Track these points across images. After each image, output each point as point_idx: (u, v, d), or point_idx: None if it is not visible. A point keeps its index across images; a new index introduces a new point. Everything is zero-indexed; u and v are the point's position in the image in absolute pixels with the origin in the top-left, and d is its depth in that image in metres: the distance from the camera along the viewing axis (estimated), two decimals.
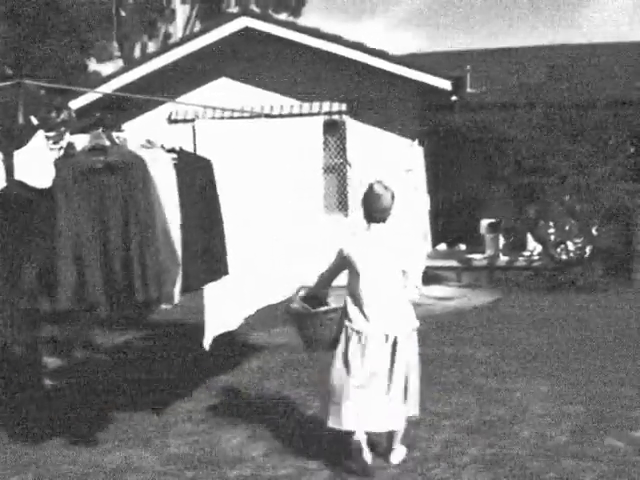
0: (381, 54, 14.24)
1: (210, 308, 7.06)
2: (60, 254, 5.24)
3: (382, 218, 5.39)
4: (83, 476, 5.60)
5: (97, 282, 5.35)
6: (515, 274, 14.07)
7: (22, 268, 5.35)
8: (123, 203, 5.47)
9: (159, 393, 7.65)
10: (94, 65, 27.60)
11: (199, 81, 15.20)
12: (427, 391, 6.94)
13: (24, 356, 7.73)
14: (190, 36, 16.05)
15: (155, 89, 14.54)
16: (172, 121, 15.11)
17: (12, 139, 5.43)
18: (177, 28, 24.38)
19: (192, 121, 13.70)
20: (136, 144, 5.99)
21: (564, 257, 13.65)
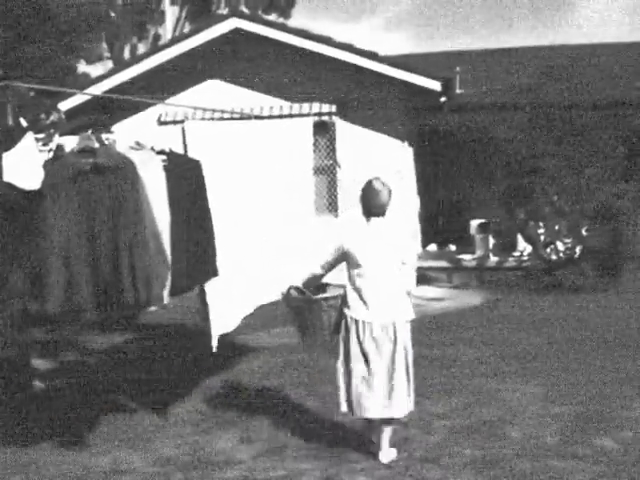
0: (371, 55, 14.25)
1: (214, 309, 7.03)
2: (49, 256, 5.22)
3: (381, 213, 5.61)
4: (72, 479, 5.58)
5: (85, 284, 5.34)
6: (505, 275, 14.09)
7: (13, 270, 5.33)
8: (112, 205, 5.46)
9: (151, 394, 7.63)
10: (83, 67, 27.54)
11: (189, 82, 15.18)
12: (417, 392, 6.97)
13: (18, 357, 7.71)
14: (180, 37, 16.03)
15: (145, 90, 14.50)
16: (162, 122, 15.09)
17: (0, 142, 5.42)
18: (167, 30, 24.33)
19: (182, 122, 13.65)
20: (125, 146, 5.97)
21: (554, 257, 13.67)
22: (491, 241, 14.93)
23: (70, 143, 5.65)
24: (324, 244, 5.89)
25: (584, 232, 13.64)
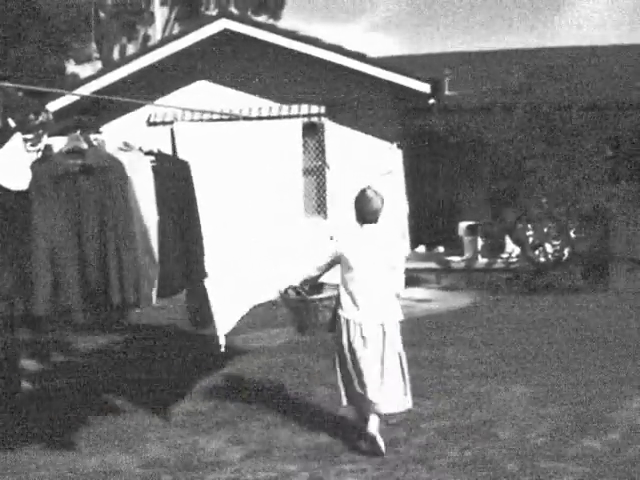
0: (359, 57, 14.27)
1: (217, 309, 7.01)
2: (36, 257, 5.21)
3: (373, 219, 5.96)
4: None
5: (73, 286, 5.32)
6: (493, 277, 14.11)
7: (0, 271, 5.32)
8: (100, 206, 5.44)
9: (143, 396, 7.61)
10: (72, 67, 27.48)
11: (178, 83, 15.16)
12: None
13: (7, 358, 7.68)
14: (169, 38, 16.03)
15: (134, 91, 14.48)
16: (151, 123, 15.06)
17: None
18: (156, 30, 24.31)
19: (171, 123, 13.65)
20: (114, 146, 5.96)
21: (542, 259, 13.70)
22: (480, 243, 14.96)
23: (59, 144, 5.64)
24: (319, 247, 6.27)
25: (572, 234, 13.67)
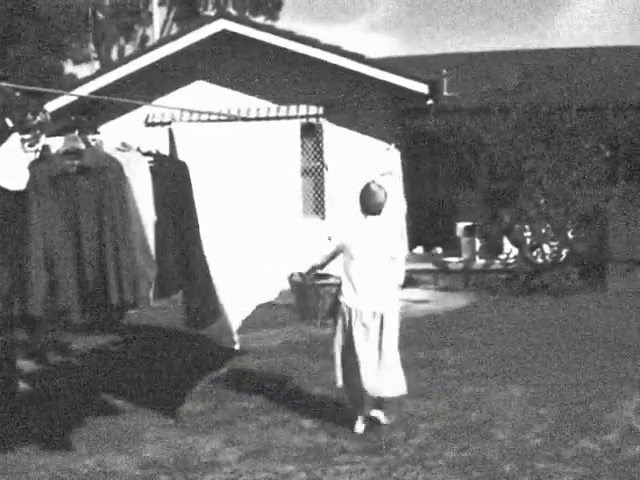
0: (358, 57, 14.27)
1: (228, 309, 6.99)
2: (33, 258, 5.21)
3: (377, 211, 6.32)
4: None
5: (70, 287, 5.32)
6: (491, 277, 14.10)
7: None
8: (98, 206, 5.45)
9: (140, 396, 7.60)
10: (70, 67, 27.50)
11: (176, 84, 15.17)
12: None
13: (3, 358, 7.67)
14: (167, 39, 16.03)
15: (132, 92, 14.49)
16: (149, 124, 15.06)
17: None
18: (154, 31, 24.31)
19: (169, 124, 13.67)
20: (112, 147, 5.96)
21: (540, 260, 13.69)
22: (477, 244, 14.95)
23: (57, 144, 5.64)
24: (317, 248, 6.59)
25: (570, 235, 13.67)
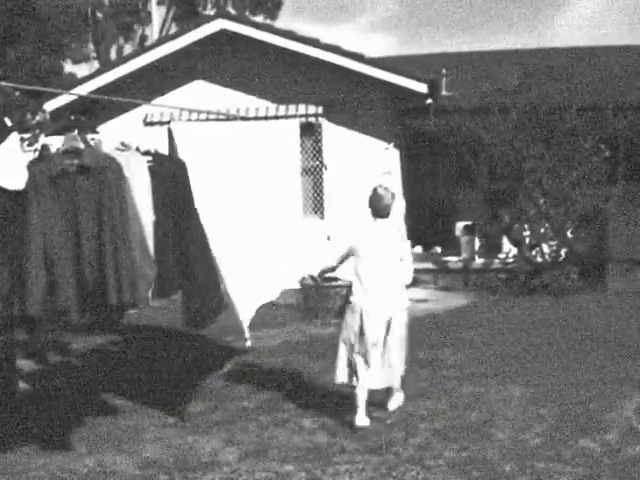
0: (357, 57, 14.25)
1: (240, 306, 6.97)
2: (32, 257, 5.20)
3: (384, 214, 6.61)
4: None
5: (69, 287, 5.31)
6: (490, 277, 14.10)
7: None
8: (97, 206, 5.44)
9: (140, 396, 7.60)
10: (70, 67, 27.51)
11: (175, 83, 15.15)
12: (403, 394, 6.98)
13: (3, 358, 7.67)
14: (166, 38, 15.99)
15: (131, 91, 14.48)
16: (148, 123, 15.03)
17: None
18: (153, 30, 24.31)
19: (168, 123, 13.66)
20: (111, 146, 5.96)
21: (539, 260, 13.68)
22: (477, 243, 14.96)
23: (56, 143, 5.64)
24: (316, 247, 7.00)
25: (569, 234, 13.67)
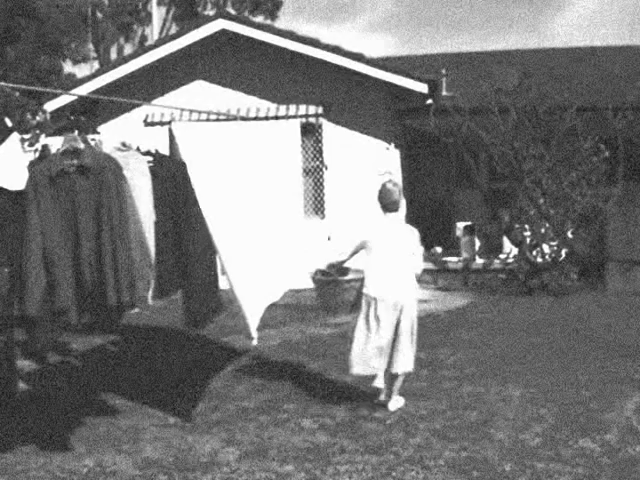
0: (357, 57, 14.26)
1: (246, 305, 6.92)
2: (31, 258, 5.20)
3: (394, 209, 6.86)
4: None
5: (68, 287, 5.32)
6: (490, 277, 14.11)
7: None
8: (96, 206, 5.44)
9: (139, 396, 7.59)
10: (69, 67, 27.57)
11: (175, 83, 15.17)
12: (402, 395, 6.98)
13: (3, 358, 7.66)
14: (166, 38, 16.01)
15: (131, 91, 14.49)
16: (148, 123, 15.07)
17: None
18: (153, 31, 24.31)
19: (168, 123, 13.68)
20: (111, 146, 5.96)
21: (539, 260, 13.69)
22: (477, 243, 14.96)
23: (56, 143, 5.64)
24: (317, 248, 7.28)
25: (570, 235, 13.68)
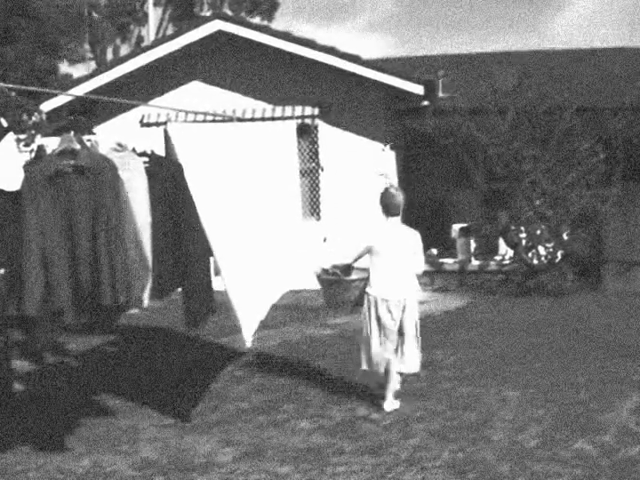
0: (353, 58, 14.25)
1: (240, 307, 6.89)
2: (27, 258, 5.19)
3: (396, 213, 7.02)
4: None
5: (64, 287, 5.31)
6: (486, 279, 14.12)
7: None
8: (92, 207, 5.43)
9: (136, 397, 7.59)
10: (66, 67, 27.54)
11: (172, 84, 15.15)
12: (398, 396, 6.98)
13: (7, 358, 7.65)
14: (163, 39, 15.98)
15: (127, 92, 14.47)
16: (144, 124, 15.04)
17: None
18: (149, 31, 24.30)
19: (164, 124, 13.65)
20: (107, 147, 5.95)
21: (535, 262, 13.70)
22: (473, 245, 14.96)
23: (52, 144, 5.63)
24: (315, 249, 7.29)
25: (565, 236, 13.68)
